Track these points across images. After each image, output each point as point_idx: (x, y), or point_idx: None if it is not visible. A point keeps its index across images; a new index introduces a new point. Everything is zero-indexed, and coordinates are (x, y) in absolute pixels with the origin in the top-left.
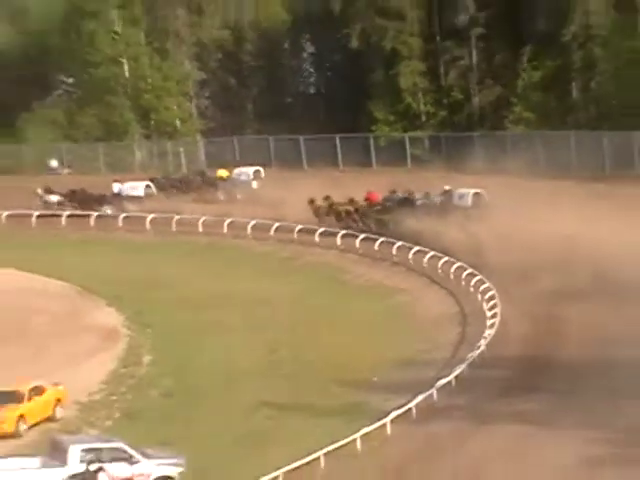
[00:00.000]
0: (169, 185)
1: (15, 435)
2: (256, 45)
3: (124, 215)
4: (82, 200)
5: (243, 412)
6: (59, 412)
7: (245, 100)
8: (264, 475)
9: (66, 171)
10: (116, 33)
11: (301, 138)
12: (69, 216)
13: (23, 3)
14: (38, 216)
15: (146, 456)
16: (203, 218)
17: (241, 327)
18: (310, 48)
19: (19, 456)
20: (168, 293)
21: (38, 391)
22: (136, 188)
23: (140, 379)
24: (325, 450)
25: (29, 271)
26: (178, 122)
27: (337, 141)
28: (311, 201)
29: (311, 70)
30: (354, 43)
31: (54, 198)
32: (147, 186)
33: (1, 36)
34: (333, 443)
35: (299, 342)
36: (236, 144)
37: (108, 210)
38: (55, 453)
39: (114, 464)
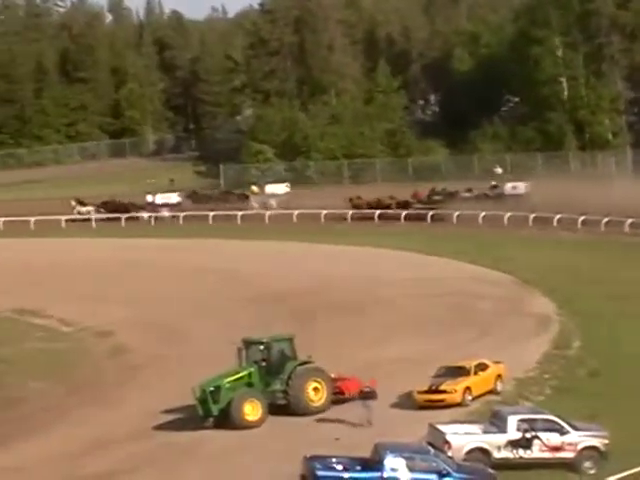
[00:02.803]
0: (204, 197)
1: (462, 404)
2: None
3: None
4: (112, 209)
5: None
6: (499, 386)
7: None
8: None
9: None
10: (557, 56)
11: None
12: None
13: (477, 32)
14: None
15: (574, 428)
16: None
17: None
18: None
19: (465, 422)
20: (593, 285)
21: (482, 367)
22: (169, 197)
23: (569, 360)
24: None
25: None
26: (610, 135)
27: None
28: (350, 199)
29: None
30: None
31: (86, 208)
32: (179, 196)
33: (460, 62)
34: None
35: None
36: None
37: (144, 215)
38: (495, 421)
39: (546, 433)
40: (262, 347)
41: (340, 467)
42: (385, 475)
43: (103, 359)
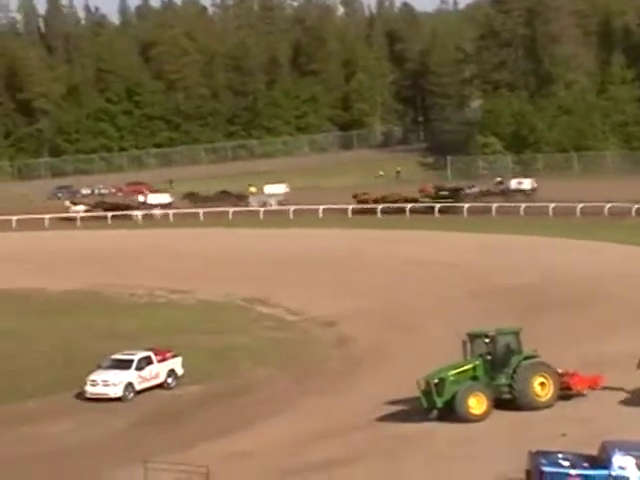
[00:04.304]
0: (202, 198)
1: None
2: None
3: None
4: (108, 208)
5: None
6: None
7: None
8: None
9: None
10: None
11: None
12: None
13: None
14: None
15: None
16: None
17: None
18: None
19: None
20: None
21: None
22: (161, 197)
23: None
24: None
25: None
26: None
27: None
28: (355, 195)
29: None
30: None
31: (80, 207)
32: (170, 196)
33: None
34: None
35: None
36: None
37: (138, 214)
38: None
39: None
40: (487, 340)
41: (566, 463)
42: (613, 473)
43: (328, 349)
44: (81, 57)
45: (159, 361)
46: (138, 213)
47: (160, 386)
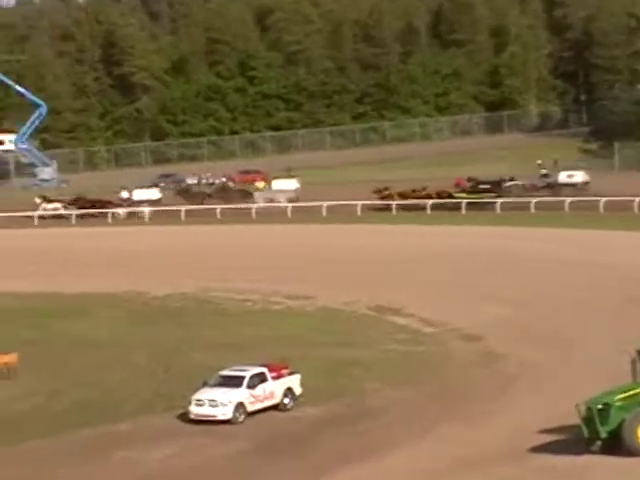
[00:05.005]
0: (197, 194)
1: None
2: None
3: None
4: (83, 205)
5: None
6: None
7: None
8: None
9: None
10: None
11: None
12: None
13: None
14: None
15: None
16: None
17: None
18: None
19: None
20: None
21: None
22: (149, 193)
23: None
24: None
25: None
26: None
27: None
28: (378, 190)
29: None
30: None
31: (52, 205)
32: (159, 192)
33: None
34: None
35: None
36: None
37: (120, 211)
38: None
39: None
40: None
41: None
42: None
43: (470, 366)
44: (188, 26)
45: (274, 378)
46: (121, 211)
47: (275, 407)
